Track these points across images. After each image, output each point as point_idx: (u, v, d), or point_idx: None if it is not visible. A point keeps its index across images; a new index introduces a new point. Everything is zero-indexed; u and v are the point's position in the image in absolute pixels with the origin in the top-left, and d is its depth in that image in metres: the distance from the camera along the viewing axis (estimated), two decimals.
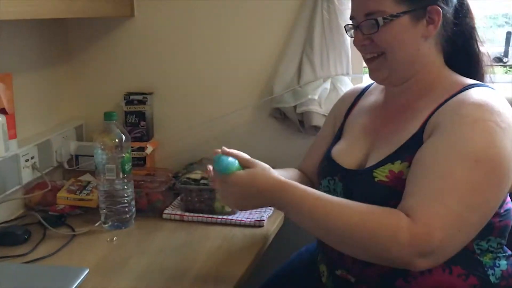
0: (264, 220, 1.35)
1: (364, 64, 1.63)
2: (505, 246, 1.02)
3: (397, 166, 0.96)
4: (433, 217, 0.84)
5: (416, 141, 0.95)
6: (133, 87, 1.72)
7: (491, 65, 1.07)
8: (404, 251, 0.84)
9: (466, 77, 1.03)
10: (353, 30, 1.06)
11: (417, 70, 1.03)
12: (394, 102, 1.08)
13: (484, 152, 0.87)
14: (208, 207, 1.40)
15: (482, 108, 0.91)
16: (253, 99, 1.66)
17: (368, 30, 1.00)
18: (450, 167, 0.87)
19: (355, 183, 1.01)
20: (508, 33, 1.69)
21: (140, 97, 1.67)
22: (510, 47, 1.64)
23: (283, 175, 1.12)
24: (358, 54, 1.58)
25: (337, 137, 1.17)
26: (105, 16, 1.61)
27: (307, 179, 1.25)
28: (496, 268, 0.98)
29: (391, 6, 0.97)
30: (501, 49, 1.61)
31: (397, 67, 1.02)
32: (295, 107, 1.55)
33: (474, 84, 0.99)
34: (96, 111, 1.71)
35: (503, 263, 0.99)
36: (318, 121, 1.52)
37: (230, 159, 0.98)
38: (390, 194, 0.94)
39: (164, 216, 1.40)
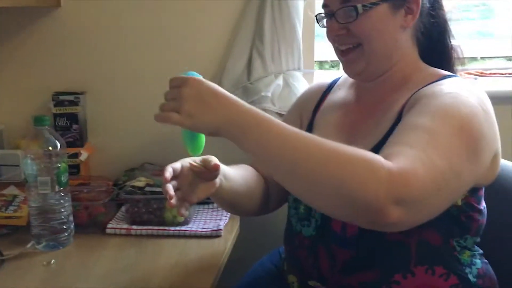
0: (221, 230, 1.24)
1: (316, 59, 1.60)
2: (476, 245, 1.00)
3: None
4: (415, 164, 0.75)
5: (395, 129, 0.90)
6: (62, 86, 1.54)
7: (463, 58, 1.04)
8: (381, 189, 0.72)
9: (439, 68, 1.00)
10: (325, 20, 0.99)
11: (394, 63, 0.98)
12: (367, 96, 1.02)
13: (467, 122, 0.83)
14: (158, 218, 1.27)
15: (463, 89, 0.88)
16: None
17: (345, 18, 0.94)
18: (434, 125, 0.81)
19: None
20: None
21: (71, 97, 1.50)
22: None
23: (234, 172, 1.04)
24: (309, 48, 1.55)
25: None
26: (27, 6, 1.41)
27: (260, 178, 1.14)
28: (472, 267, 0.96)
29: None
30: None
31: (374, 59, 0.97)
32: None
33: (451, 75, 0.96)
34: (19, 114, 1.53)
35: (478, 261, 0.98)
36: None
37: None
38: None
39: (107, 231, 1.25)
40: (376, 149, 0.90)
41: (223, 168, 0.99)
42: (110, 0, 1.50)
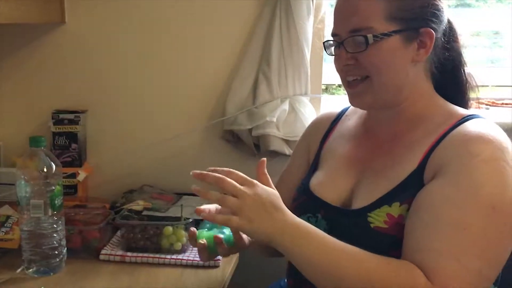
0: (219, 260, 1.19)
1: (323, 82, 1.56)
2: None
3: (395, 209, 0.85)
4: (453, 278, 0.76)
5: (415, 180, 0.85)
6: (63, 104, 1.51)
7: (476, 86, 0.99)
8: None
9: (453, 102, 0.95)
10: (333, 48, 0.94)
11: (405, 97, 0.93)
12: (381, 130, 0.97)
13: (500, 197, 0.80)
14: (154, 245, 1.22)
15: (491, 144, 0.82)
16: (202, 120, 1.51)
17: (354, 47, 0.89)
18: (466, 217, 0.79)
19: (345, 226, 0.89)
20: None
21: (71, 116, 1.46)
22: None
23: None
24: (317, 73, 1.51)
25: (313, 167, 1.04)
26: (30, 22, 1.39)
27: None
28: None
29: (380, 23, 0.87)
30: None
31: (383, 93, 0.91)
32: (250, 129, 1.41)
33: (470, 115, 0.90)
34: (17, 131, 1.51)
35: None
36: (276, 146, 1.39)
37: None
38: (391, 244, 0.84)
39: (101, 257, 1.20)
40: (389, 197, 0.87)
41: None
42: (115, 17, 1.48)
